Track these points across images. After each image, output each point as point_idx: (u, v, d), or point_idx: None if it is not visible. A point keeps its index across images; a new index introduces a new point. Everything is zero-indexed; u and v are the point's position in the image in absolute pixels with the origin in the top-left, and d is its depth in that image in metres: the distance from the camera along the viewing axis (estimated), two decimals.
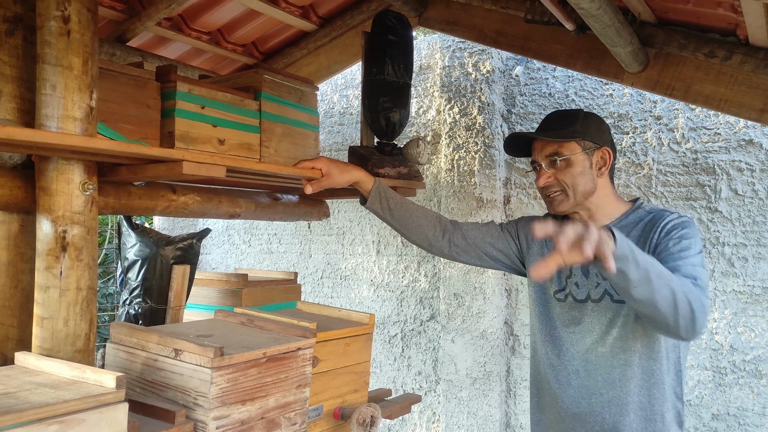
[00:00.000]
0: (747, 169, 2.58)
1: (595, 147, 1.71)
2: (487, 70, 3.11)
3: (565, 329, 1.74)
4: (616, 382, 1.65)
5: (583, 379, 1.70)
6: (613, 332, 1.66)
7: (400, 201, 1.85)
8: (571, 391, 1.71)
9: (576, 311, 1.73)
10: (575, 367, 1.71)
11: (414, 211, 1.86)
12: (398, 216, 1.84)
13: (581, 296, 1.73)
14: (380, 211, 1.84)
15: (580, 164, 1.70)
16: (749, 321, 2.56)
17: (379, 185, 1.83)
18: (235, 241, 4.20)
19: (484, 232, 1.90)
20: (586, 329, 1.71)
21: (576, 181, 1.69)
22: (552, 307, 1.79)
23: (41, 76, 1.25)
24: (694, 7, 1.82)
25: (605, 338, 1.67)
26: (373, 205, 1.83)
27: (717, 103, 2.05)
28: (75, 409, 1.00)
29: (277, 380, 1.39)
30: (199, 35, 2.57)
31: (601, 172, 1.72)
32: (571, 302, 1.74)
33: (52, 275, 1.29)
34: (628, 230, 1.68)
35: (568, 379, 1.72)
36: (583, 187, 1.70)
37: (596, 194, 1.72)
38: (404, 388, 3.41)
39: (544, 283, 1.81)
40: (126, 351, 1.39)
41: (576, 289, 1.74)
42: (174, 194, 1.73)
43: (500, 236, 1.90)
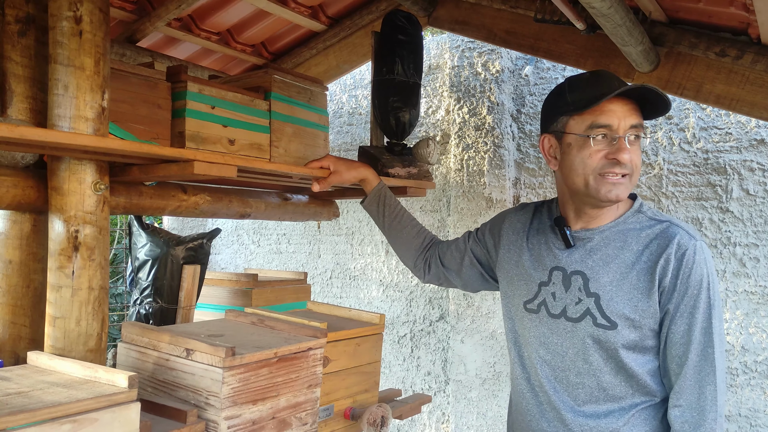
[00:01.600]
0: (759, 169, 2.56)
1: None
2: (497, 70, 3.10)
3: (534, 349, 1.49)
4: (601, 417, 1.40)
5: (559, 408, 1.44)
6: (593, 363, 1.40)
7: (397, 212, 1.77)
8: (543, 424, 1.46)
9: (545, 327, 1.47)
10: (548, 397, 1.46)
11: (407, 227, 1.78)
12: (390, 225, 1.79)
13: (556, 310, 1.46)
14: (375, 214, 1.80)
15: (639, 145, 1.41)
16: (761, 322, 2.54)
17: (381, 188, 1.79)
18: (245, 241, 4.21)
19: (453, 248, 1.75)
20: (555, 352, 1.45)
21: (640, 167, 1.40)
22: (521, 319, 1.54)
23: (53, 76, 1.25)
24: (705, 5, 1.81)
25: (581, 368, 1.42)
26: (370, 205, 1.80)
27: (728, 102, 2.03)
28: (88, 409, 1.01)
29: (288, 380, 1.39)
30: (208, 35, 2.58)
31: None
32: (543, 316, 1.48)
33: (64, 275, 1.29)
34: (633, 238, 1.41)
35: (541, 410, 1.48)
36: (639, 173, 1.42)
37: None
38: (413, 388, 3.41)
39: (512, 292, 1.58)
40: (138, 350, 1.39)
41: (551, 300, 1.47)
42: (185, 194, 1.73)
43: (467, 248, 1.72)
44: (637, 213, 1.45)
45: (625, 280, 1.38)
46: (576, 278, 1.43)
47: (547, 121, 1.49)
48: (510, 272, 1.59)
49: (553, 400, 1.45)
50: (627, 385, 1.39)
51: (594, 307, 1.39)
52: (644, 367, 1.39)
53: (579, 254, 1.45)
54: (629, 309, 1.37)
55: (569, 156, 1.41)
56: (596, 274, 1.41)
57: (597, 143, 1.37)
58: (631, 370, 1.38)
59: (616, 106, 1.36)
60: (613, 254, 1.41)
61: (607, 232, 1.44)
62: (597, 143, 1.37)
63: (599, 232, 1.45)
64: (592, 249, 1.44)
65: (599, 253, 1.43)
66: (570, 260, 1.46)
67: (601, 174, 1.37)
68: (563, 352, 1.44)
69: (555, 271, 1.47)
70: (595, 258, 1.43)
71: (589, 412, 1.41)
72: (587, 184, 1.39)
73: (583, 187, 1.40)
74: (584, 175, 1.39)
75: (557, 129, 1.45)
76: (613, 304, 1.38)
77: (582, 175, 1.39)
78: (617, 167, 1.35)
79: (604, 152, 1.36)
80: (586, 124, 1.38)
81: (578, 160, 1.39)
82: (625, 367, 1.38)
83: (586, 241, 1.45)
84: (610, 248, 1.42)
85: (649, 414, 1.41)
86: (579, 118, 1.39)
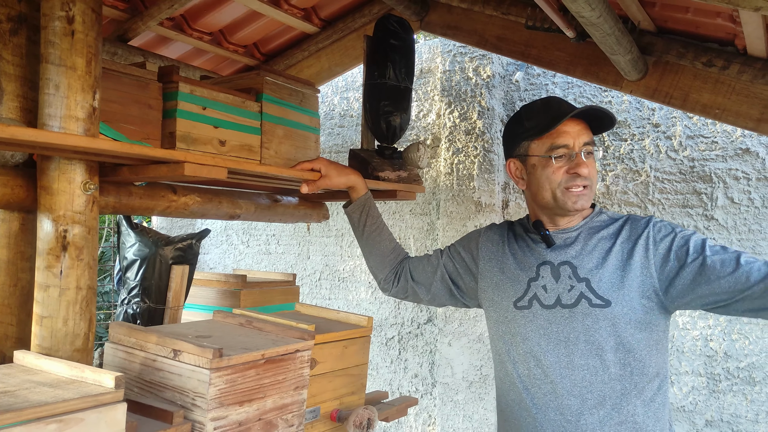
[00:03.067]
0: (743, 178, 2.60)
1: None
2: (488, 75, 3.12)
3: (536, 343, 1.55)
4: (606, 398, 1.47)
5: (563, 399, 1.50)
6: (595, 342, 1.49)
7: (378, 225, 1.82)
8: (551, 414, 1.51)
9: (542, 320, 1.55)
10: (552, 387, 1.52)
11: (384, 241, 1.82)
12: (367, 236, 1.82)
13: (549, 301, 1.55)
14: (356, 222, 1.82)
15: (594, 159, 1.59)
16: (743, 328, 2.57)
17: (368, 199, 1.82)
18: (234, 241, 4.20)
19: (425, 263, 1.81)
20: (557, 339, 1.52)
21: (596, 175, 1.58)
22: (513, 319, 1.60)
23: (44, 75, 1.26)
24: (693, 16, 1.83)
25: (584, 349, 1.50)
26: (353, 212, 1.82)
27: (714, 111, 2.06)
28: (74, 409, 1.01)
29: (275, 382, 1.39)
30: (200, 36, 2.58)
31: None
32: (537, 309, 1.56)
33: (52, 274, 1.29)
34: (603, 230, 1.57)
35: (545, 401, 1.53)
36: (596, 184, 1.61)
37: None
38: (400, 390, 3.42)
39: (499, 297, 1.64)
40: (125, 351, 1.39)
41: (543, 293, 1.56)
42: (174, 195, 1.74)
43: (439, 263, 1.79)
44: (599, 214, 1.63)
45: (608, 263, 1.53)
46: (564, 268, 1.56)
47: (510, 147, 1.67)
48: (494, 279, 1.68)
49: (558, 389, 1.51)
50: (627, 355, 1.48)
51: (587, 290, 1.52)
52: (640, 342, 1.49)
53: (561, 249, 1.59)
54: (618, 286, 1.50)
55: (535, 175, 1.59)
56: (581, 262, 1.55)
57: (558, 161, 1.54)
58: (629, 344, 1.48)
59: (569, 128, 1.54)
60: (592, 244, 1.57)
61: (581, 229, 1.60)
62: (558, 161, 1.54)
63: (574, 229, 1.61)
64: (572, 243, 1.59)
65: (579, 245, 1.58)
66: (554, 255, 1.59)
67: (566, 187, 1.54)
68: (565, 338, 1.52)
69: (542, 265, 1.60)
70: (577, 249, 1.58)
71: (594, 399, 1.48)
72: (555, 197, 1.56)
73: (551, 200, 1.57)
74: (551, 190, 1.56)
75: (521, 153, 1.62)
76: (603, 285, 1.51)
77: (549, 189, 1.56)
78: (578, 180, 1.53)
79: (564, 168, 1.54)
80: (546, 146, 1.56)
81: (544, 178, 1.57)
82: (623, 342, 1.48)
83: (564, 238, 1.60)
84: (587, 240, 1.58)
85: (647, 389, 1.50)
86: (539, 141, 1.57)
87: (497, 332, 1.66)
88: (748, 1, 1.25)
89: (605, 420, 1.46)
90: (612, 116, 1.54)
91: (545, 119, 1.55)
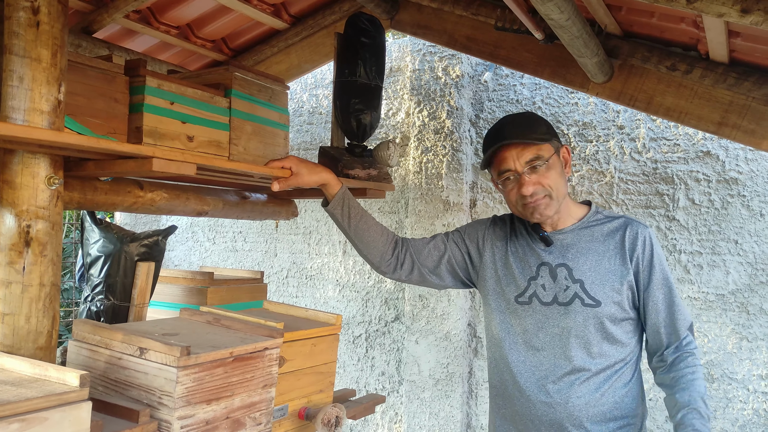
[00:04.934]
0: (704, 180, 2.66)
1: (560, 146, 1.72)
2: (457, 75, 3.14)
3: (534, 334, 1.71)
4: (591, 383, 1.66)
5: (554, 384, 1.67)
6: (584, 336, 1.66)
7: (361, 213, 1.82)
8: (542, 396, 1.68)
9: (540, 315, 1.70)
10: (545, 373, 1.68)
11: (372, 226, 1.83)
12: (355, 227, 1.81)
13: (547, 299, 1.70)
14: (339, 217, 1.81)
15: (557, 166, 1.68)
16: (703, 326, 2.64)
17: (345, 192, 1.81)
18: (200, 238, 4.15)
19: (431, 247, 1.85)
20: (552, 333, 1.68)
21: (558, 183, 1.67)
22: (513, 312, 1.75)
23: (8, 67, 1.22)
24: (658, 21, 1.88)
25: (574, 342, 1.66)
26: (335, 209, 1.81)
27: (677, 115, 2.11)
28: (37, 408, 0.99)
29: (243, 380, 1.38)
30: (167, 29, 2.54)
31: (567, 171, 1.73)
32: (536, 305, 1.71)
33: (14, 270, 1.26)
34: (598, 232, 1.71)
35: (538, 385, 1.69)
36: (563, 188, 1.69)
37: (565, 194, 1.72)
38: (367, 388, 3.42)
39: (501, 289, 1.78)
40: (89, 349, 1.37)
41: (542, 291, 1.71)
42: (141, 190, 1.71)
43: (446, 248, 1.85)
44: (595, 214, 1.76)
45: (601, 266, 1.68)
46: (561, 270, 1.71)
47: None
48: (499, 272, 1.80)
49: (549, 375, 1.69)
50: (610, 346, 1.68)
51: (581, 290, 1.68)
52: (623, 334, 1.69)
53: (558, 251, 1.73)
54: (608, 288, 1.67)
55: (502, 194, 1.79)
56: (577, 264, 1.70)
57: (508, 184, 1.70)
58: (613, 337, 1.67)
59: (508, 153, 1.67)
60: (586, 247, 1.71)
61: (577, 230, 1.73)
62: (508, 184, 1.70)
63: (570, 231, 1.74)
64: (568, 245, 1.72)
65: (575, 247, 1.72)
66: (552, 256, 1.72)
67: (523, 204, 1.68)
68: (559, 332, 1.68)
69: (542, 266, 1.73)
70: (573, 251, 1.71)
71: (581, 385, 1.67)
72: (518, 212, 1.74)
73: (518, 214, 1.76)
74: (513, 208, 1.74)
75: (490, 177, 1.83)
76: (595, 287, 1.67)
77: (512, 207, 1.74)
78: (527, 198, 1.66)
79: (515, 189, 1.68)
80: (496, 174, 1.73)
81: (505, 198, 1.76)
82: (608, 335, 1.67)
83: (561, 240, 1.73)
84: (582, 243, 1.72)
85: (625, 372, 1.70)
86: (491, 169, 1.76)
87: (495, 319, 1.80)
88: (712, 7, 1.29)
89: (591, 402, 1.65)
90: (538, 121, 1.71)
91: (488, 149, 1.70)
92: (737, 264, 2.59)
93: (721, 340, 2.61)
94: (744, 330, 2.58)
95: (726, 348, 2.60)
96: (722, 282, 2.62)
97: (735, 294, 2.60)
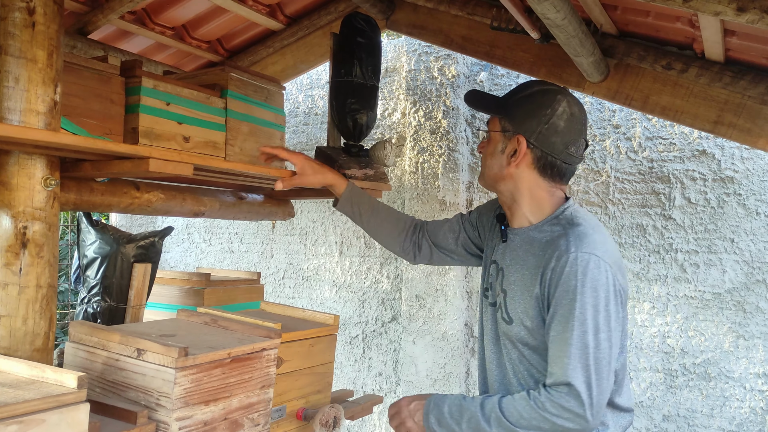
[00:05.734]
0: (700, 179, 2.67)
1: (511, 133, 1.52)
2: (453, 75, 3.14)
3: (484, 333, 1.64)
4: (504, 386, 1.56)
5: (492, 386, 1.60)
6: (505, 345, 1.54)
7: (373, 205, 1.81)
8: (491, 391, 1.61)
9: (488, 313, 1.61)
10: (486, 374, 1.62)
11: (386, 219, 1.83)
12: (368, 221, 1.82)
13: (492, 299, 1.60)
14: (351, 215, 1.83)
15: (494, 144, 1.56)
16: (699, 325, 2.65)
17: (352, 190, 1.81)
18: (195, 239, 4.14)
19: (446, 229, 1.83)
20: (493, 335, 1.58)
21: (486, 160, 1.58)
22: (480, 303, 1.69)
23: (4, 68, 1.22)
24: (653, 20, 1.88)
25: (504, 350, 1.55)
26: (344, 208, 1.82)
27: (673, 114, 2.11)
28: (35, 409, 0.98)
29: (241, 381, 1.38)
30: (163, 30, 2.53)
31: (511, 162, 1.52)
32: (485, 303, 1.63)
33: (11, 272, 1.26)
34: (537, 243, 1.50)
35: (484, 383, 1.64)
36: (489, 169, 1.57)
37: (515, 187, 1.54)
38: (364, 389, 3.42)
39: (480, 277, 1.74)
40: (86, 350, 1.36)
41: (490, 290, 1.62)
42: (137, 191, 1.70)
43: (461, 229, 1.81)
44: (555, 219, 1.52)
45: (522, 283, 1.49)
46: (500, 272, 1.56)
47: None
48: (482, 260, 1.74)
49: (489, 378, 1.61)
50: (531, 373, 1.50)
51: (502, 301, 1.53)
52: (536, 357, 1.48)
53: (506, 251, 1.57)
54: (521, 310, 1.48)
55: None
56: (509, 272, 1.53)
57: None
58: (532, 365, 1.49)
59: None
60: (522, 256, 1.52)
61: (524, 235, 1.55)
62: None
63: (519, 232, 1.57)
64: (511, 248, 1.56)
65: (514, 253, 1.55)
66: (500, 256, 1.59)
67: None
68: (495, 336, 1.57)
69: (493, 263, 1.61)
70: (512, 257, 1.55)
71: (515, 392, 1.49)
72: None
73: None
74: None
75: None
76: (513, 303, 1.50)
77: None
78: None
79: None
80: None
81: None
82: (524, 355, 1.50)
83: (511, 239, 1.58)
84: (521, 250, 1.53)
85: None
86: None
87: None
88: (708, 6, 1.29)
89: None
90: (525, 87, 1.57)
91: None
92: (733, 263, 2.60)
93: (717, 339, 2.62)
94: (740, 328, 2.58)
95: (723, 347, 2.61)
96: (719, 281, 2.62)
97: (731, 292, 2.60)
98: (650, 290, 2.75)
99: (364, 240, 3.46)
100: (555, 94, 1.51)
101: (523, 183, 1.52)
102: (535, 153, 1.50)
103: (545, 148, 1.49)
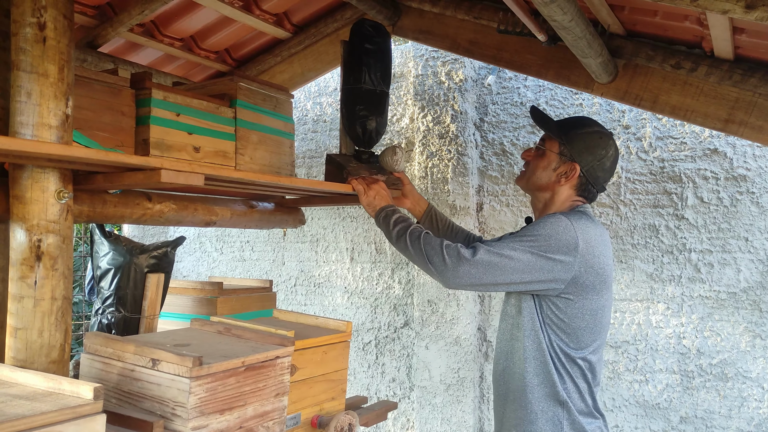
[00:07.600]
0: (712, 178, 2.65)
1: (568, 159, 1.79)
2: (460, 79, 3.14)
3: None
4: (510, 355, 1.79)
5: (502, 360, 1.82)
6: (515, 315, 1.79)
7: (447, 224, 2.11)
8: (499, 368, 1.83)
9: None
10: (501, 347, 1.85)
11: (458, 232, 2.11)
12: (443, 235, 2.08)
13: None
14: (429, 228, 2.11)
15: (547, 161, 1.82)
16: (715, 325, 2.63)
17: (431, 209, 2.12)
18: (207, 248, 4.16)
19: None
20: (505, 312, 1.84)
21: (535, 170, 1.84)
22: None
23: (16, 83, 1.23)
24: (661, 20, 1.87)
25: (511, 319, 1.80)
26: (424, 223, 2.11)
27: (683, 113, 2.10)
28: (52, 421, 0.99)
29: (256, 389, 1.38)
30: (171, 42, 2.55)
31: (559, 181, 1.80)
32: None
33: (26, 285, 1.26)
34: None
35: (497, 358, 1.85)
36: (538, 179, 1.83)
37: (550, 196, 1.82)
38: (378, 395, 3.41)
39: None
40: (101, 361, 1.37)
41: None
42: (149, 202, 1.71)
43: None
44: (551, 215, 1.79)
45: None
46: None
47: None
48: None
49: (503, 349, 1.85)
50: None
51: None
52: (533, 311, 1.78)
53: None
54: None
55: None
56: None
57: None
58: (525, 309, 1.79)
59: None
60: None
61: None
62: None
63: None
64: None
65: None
66: None
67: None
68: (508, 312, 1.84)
69: None
70: None
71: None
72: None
73: None
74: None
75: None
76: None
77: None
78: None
79: None
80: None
81: None
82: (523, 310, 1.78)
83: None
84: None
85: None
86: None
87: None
88: (716, 4, 1.28)
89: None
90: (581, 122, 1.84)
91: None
92: (748, 261, 2.58)
93: (734, 339, 2.60)
94: (757, 328, 2.56)
95: (739, 346, 2.58)
96: (734, 280, 2.60)
97: (747, 292, 2.58)
98: (665, 291, 2.73)
99: (375, 246, 3.46)
100: (608, 139, 1.81)
101: (560, 196, 1.81)
102: (581, 180, 1.79)
103: (590, 179, 1.79)
